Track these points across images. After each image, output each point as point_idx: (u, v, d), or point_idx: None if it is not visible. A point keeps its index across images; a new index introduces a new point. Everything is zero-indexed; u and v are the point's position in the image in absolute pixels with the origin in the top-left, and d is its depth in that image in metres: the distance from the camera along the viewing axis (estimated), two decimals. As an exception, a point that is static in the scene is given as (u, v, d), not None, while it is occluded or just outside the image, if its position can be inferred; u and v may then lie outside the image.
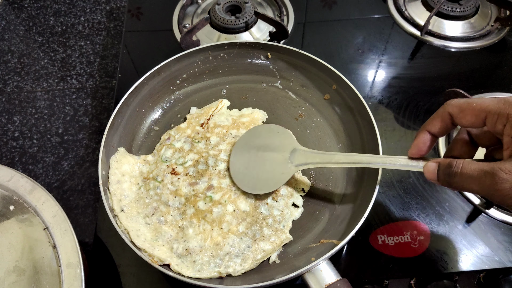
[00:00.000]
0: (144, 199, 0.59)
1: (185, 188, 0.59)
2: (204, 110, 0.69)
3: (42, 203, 0.51)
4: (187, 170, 0.61)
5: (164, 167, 0.62)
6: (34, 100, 0.84)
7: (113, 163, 0.60)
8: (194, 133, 0.65)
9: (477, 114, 0.42)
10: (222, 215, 0.57)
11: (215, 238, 0.55)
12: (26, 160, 0.76)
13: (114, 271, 0.59)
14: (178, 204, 0.58)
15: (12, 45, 0.94)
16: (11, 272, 0.47)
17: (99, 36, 0.96)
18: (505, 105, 0.40)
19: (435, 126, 0.46)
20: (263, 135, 0.62)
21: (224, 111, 0.69)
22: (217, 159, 0.62)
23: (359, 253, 0.60)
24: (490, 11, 0.90)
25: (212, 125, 0.66)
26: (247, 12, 0.85)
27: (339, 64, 0.80)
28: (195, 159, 0.62)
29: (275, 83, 0.74)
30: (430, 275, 0.58)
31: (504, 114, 0.40)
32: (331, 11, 0.93)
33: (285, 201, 0.59)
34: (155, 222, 0.57)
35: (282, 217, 0.58)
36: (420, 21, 0.87)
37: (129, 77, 0.80)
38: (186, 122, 0.68)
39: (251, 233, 0.56)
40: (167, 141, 0.65)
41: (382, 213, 0.63)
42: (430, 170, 0.45)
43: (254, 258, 0.54)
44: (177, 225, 0.57)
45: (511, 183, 0.38)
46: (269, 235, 0.56)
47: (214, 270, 0.53)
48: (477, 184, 0.40)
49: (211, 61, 0.73)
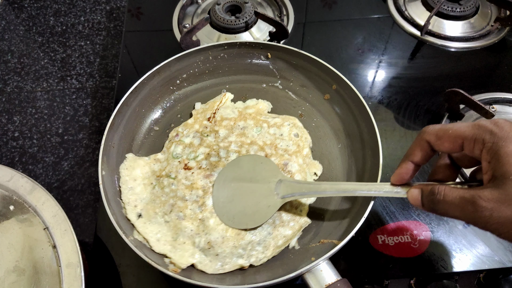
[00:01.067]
0: (160, 198, 0.59)
1: (201, 181, 0.60)
2: (209, 105, 0.70)
3: (42, 203, 0.51)
4: (200, 164, 0.61)
5: (176, 163, 0.62)
6: (34, 100, 0.84)
7: (123, 171, 0.61)
8: (202, 127, 0.66)
9: (454, 141, 0.43)
10: None
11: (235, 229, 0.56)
12: (26, 160, 0.76)
13: (114, 271, 0.59)
14: (195, 197, 0.58)
15: (12, 45, 0.94)
16: (11, 272, 0.47)
17: (99, 36, 0.96)
18: (479, 130, 0.41)
19: (416, 155, 0.47)
20: (247, 166, 0.60)
21: (229, 104, 0.70)
22: (228, 150, 0.62)
23: (359, 253, 0.60)
24: (490, 11, 0.90)
25: (219, 119, 0.67)
26: (247, 12, 0.85)
27: (339, 64, 0.80)
28: (206, 152, 0.63)
29: (275, 83, 0.74)
30: (430, 275, 0.58)
31: (479, 140, 0.41)
32: (331, 11, 0.93)
33: None
34: (174, 218, 0.57)
35: (299, 202, 0.59)
36: (420, 21, 0.87)
37: (129, 77, 0.80)
38: (193, 117, 0.68)
39: (271, 219, 0.57)
40: (176, 138, 0.65)
41: (382, 213, 0.63)
42: (414, 196, 0.46)
43: (275, 245, 0.55)
44: (197, 218, 0.57)
45: (490, 211, 0.38)
46: (288, 220, 0.57)
47: (236, 262, 0.54)
48: (459, 212, 0.41)
49: (211, 61, 0.73)
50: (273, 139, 0.64)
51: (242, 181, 0.59)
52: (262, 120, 0.66)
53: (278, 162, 0.60)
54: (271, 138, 0.64)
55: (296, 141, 0.64)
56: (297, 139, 0.64)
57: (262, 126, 0.65)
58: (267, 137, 0.64)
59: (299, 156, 0.62)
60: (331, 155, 0.66)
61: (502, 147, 0.39)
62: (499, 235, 0.40)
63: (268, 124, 0.65)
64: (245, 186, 0.59)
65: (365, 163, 0.61)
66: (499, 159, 0.39)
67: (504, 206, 0.38)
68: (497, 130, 0.40)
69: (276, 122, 0.66)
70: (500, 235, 0.40)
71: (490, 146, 0.40)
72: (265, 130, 0.65)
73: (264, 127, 0.65)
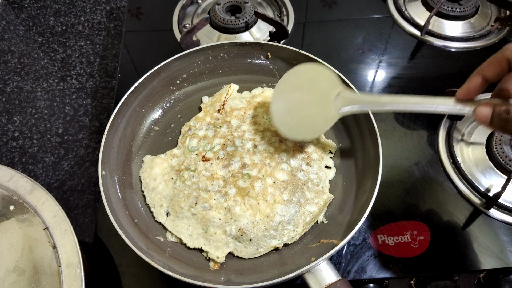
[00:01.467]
0: (183, 191, 0.60)
1: (220, 171, 0.60)
2: (216, 98, 0.71)
3: (42, 203, 0.51)
4: (217, 154, 0.62)
5: (194, 156, 0.63)
6: (34, 100, 0.84)
7: (142, 175, 0.63)
8: (213, 119, 0.66)
9: None
10: (264, 189, 0.58)
11: (264, 211, 0.56)
12: (26, 160, 0.76)
13: (114, 271, 0.59)
14: (217, 188, 0.59)
15: (12, 45, 0.94)
16: (11, 272, 0.47)
17: (99, 36, 0.96)
18: None
19: (491, 70, 0.45)
20: (306, 76, 0.60)
21: (236, 95, 0.71)
22: (243, 139, 0.63)
23: (359, 253, 0.60)
24: (490, 11, 0.90)
25: (229, 110, 0.67)
26: (247, 12, 0.85)
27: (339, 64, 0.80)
28: (222, 143, 0.63)
29: (275, 83, 0.73)
30: (430, 275, 0.58)
31: None
32: (331, 11, 0.93)
33: (318, 165, 0.61)
34: (201, 210, 0.58)
35: (319, 179, 0.60)
36: (420, 21, 0.87)
37: (129, 77, 0.80)
38: (203, 111, 0.69)
39: (296, 199, 0.58)
40: (189, 131, 0.66)
41: (382, 213, 0.63)
42: (482, 113, 0.44)
43: (304, 222, 0.57)
44: (222, 207, 0.57)
45: None
46: (312, 197, 0.59)
47: (270, 244, 0.56)
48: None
49: (211, 61, 0.73)
50: None
51: (301, 91, 0.59)
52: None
53: (293, 144, 0.61)
54: None
55: None
56: None
57: None
58: None
59: None
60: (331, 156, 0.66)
61: None
62: None
63: None
64: (304, 97, 0.59)
65: (365, 163, 0.61)
66: None
67: None
68: None
69: None
70: None
71: None
72: None
73: None
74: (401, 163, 0.69)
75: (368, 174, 0.59)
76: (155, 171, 0.62)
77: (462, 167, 0.66)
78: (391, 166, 0.68)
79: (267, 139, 0.62)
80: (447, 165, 0.67)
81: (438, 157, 0.69)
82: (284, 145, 0.62)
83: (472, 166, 0.67)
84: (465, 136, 0.70)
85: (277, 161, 0.60)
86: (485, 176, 0.66)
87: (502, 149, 0.66)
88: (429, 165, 0.68)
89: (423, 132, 0.72)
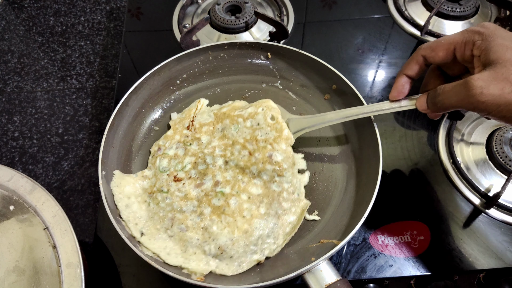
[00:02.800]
0: (158, 214, 0.58)
1: (193, 190, 0.59)
2: (185, 114, 0.69)
3: (42, 203, 0.51)
4: (189, 174, 0.61)
5: (165, 177, 0.61)
6: (34, 100, 0.84)
7: (114, 189, 0.59)
8: (183, 137, 0.65)
9: (447, 48, 0.48)
10: (240, 205, 0.57)
11: (242, 227, 0.55)
12: (26, 160, 0.76)
13: (114, 271, 0.59)
14: (192, 208, 0.58)
15: (12, 45, 0.94)
16: (11, 272, 0.47)
17: (99, 36, 0.96)
18: (468, 33, 0.46)
19: (411, 69, 0.53)
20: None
21: (205, 109, 0.69)
22: (213, 156, 0.61)
23: (359, 253, 0.60)
24: (490, 11, 0.90)
25: (198, 126, 0.66)
26: (247, 12, 0.85)
27: (339, 64, 0.80)
28: (193, 161, 0.62)
29: (275, 83, 0.74)
30: (430, 275, 0.58)
31: (469, 41, 0.46)
32: (331, 11, 0.93)
33: (291, 172, 0.60)
34: (178, 231, 0.56)
35: (294, 187, 0.59)
36: (420, 21, 0.87)
37: (129, 77, 0.80)
38: (172, 128, 0.67)
39: (273, 211, 0.57)
40: (159, 151, 0.64)
41: (382, 213, 0.63)
42: (421, 102, 0.52)
43: (284, 233, 0.57)
44: (199, 227, 0.56)
45: (480, 88, 0.42)
46: (289, 207, 0.58)
47: (252, 259, 0.54)
48: (455, 97, 0.45)
49: (211, 61, 0.73)
50: (252, 132, 0.62)
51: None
52: (237, 115, 0.64)
53: (262, 156, 0.59)
54: (250, 131, 0.62)
55: (273, 125, 0.62)
56: (273, 123, 0.62)
57: (238, 121, 0.63)
58: (246, 132, 0.62)
59: (280, 141, 0.61)
60: (331, 155, 0.66)
61: (490, 41, 0.44)
62: (489, 113, 0.43)
63: (243, 118, 0.63)
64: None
65: (365, 163, 0.61)
66: (488, 51, 0.44)
67: (493, 84, 0.42)
68: (484, 30, 0.45)
69: (250, 113, 0.63)
70: (489, 113, 0.43)
71: (479, 43, 0.45)
72: (242, 125, 0.63)
73: (240, 122, 0.63)
74: (401, 163, 0.69)
75: (368, 174, 0.59)
76: (127, 190, 0.59)
77: (462, 167, 0.66)
78: (391, 166, 0.68)
79: (236, 153, 0.61)
80: (447, 165, 0.67)
81: (438, 157, 0.69)
82: (253, 158, 0.60)
83: (472, 166, 0.67)
84: (465, 136, 0.70)
85: (249, 175, 0.59)
86: (485, 176, 0.66)
87: (502, 149, 0.66)
88: (429, 165, 0.68)
89: (423, 132, 0.72)
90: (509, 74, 0.42)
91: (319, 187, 0.63)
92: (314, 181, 0.63)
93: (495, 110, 0.43)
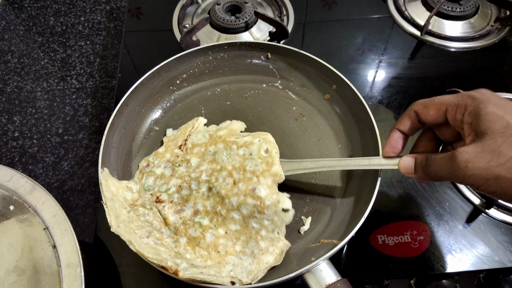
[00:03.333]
0: (137, 222, 0.56)
1: (172, 216, 0.57)
2: (181, 131, 0.67)
3: (42, 203, 0.51)
4: (171, 197, 0.59)
5: (148, 196, 0.60)
6: (34, 100, 0.84)
7: (103, 180, 0.57)
8: (173, 156, 0.63)
9: (439, 108, 0.47)
10: (215, 239, 0.55)
11: (215, 259, 0.54)
12: (26, 160, 0.76)
13: (114, 271, 0.59)
14: (170, 233, 0.56)
15: (12, 45, 0.94)
16: (11, 272, 0.47)
17: (99, 36, 0.96)
18: (462, 97, 0.45)
19: (403, 124, 0.51)
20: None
21: (201, 129, 0.67)
22: (199, 181, 0.59)
23: (359, 253, 0.60)
24: (490, 11, 0.90)
25: (190, 146, 0.63)
26: (247, 12, 0.85)
27: (339, 64, 0.80)
28: (178, 184, 0.60)
29: (275, 83, 0.74)
30: (430, 275, 0.58)
31: (462, 105, 0.44)
32: (331, 11, 0.93)
33: (274, 210, 0.55)
34: (152, 243, 0.54)
35: (274, 226, 0.55)
36: (420, 21, 0.87)
37: (129, 77, 0.80)
38: (164, 146, 0.65)
39: (249, 250, 0.54)
40: (147, 168, 0.62)
41: (382, 213, 0.63)
42: (406, 164, 0.49)
43: (259, 270, 0.53)
44: (173, 250, 0.54)
45: (465, 162, 0.41)
46: (267, 247, 0.54)
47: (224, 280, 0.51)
48: (444, 170, 0.44)
49: (211, 61, 0.73)
50: (242, 161, 0.58)
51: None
52: (232, 141, 0.61)
53: (246, 188, 0.56)
54: (240, 159, 0.59)
55: (265, 158, 0.58)
56: (266, 156, 0.58)
57: (232, 148, 0.60)
58: (236, 160, 0.59)
59: (268, 176, 0.56)
60: (331, 155, 0.66)
61: (482, 108, 0.42)
62: (477, 188, 0.42)
63: (238, 145, 0.60)
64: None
65: (365, 163, 0.61)
66: (479, 119, 0.42)
67: (479, 157, 0.40)
68: (478, 95, 0.44)
69: (245, 141, 0.60)
70: (478, 188, 0.41)
71: (471, 109, 0.43)
72: (234, 152, 0.60)
73: (234, 149, 0.60)
74: (401, 163, 0.69)
75: (368, 174, 0.59)
76: (112, 189, 0.57)
77: (462, 167, 0.66)
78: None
79: (221, 180, 0.58)
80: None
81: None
82: (236, 188, 0.56)
83: (472, 166, 0.67)
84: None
85: (228, 207, 0.56)
86: (485, 176, 0.66)
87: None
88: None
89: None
90: (497, 146, 0.40)
91: (319, 187, 0.62)
92: (314, 181, 0.63)
93: (484, 184, 0.41)
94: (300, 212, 0.60)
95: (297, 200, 0.61)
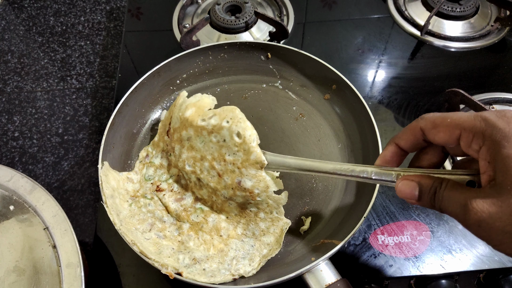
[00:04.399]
0: (138, 215, 0.57)
1: (172, 204, 0.58)
2: (169, 111, 0.64)
3: (42, 203, 0.51)
4: (171, 186, 0.60)
5: (149, 185, 0.60)
6: (34, 100, 0.84)
7: (103, 177, 0.56)
8: (165, 145, 0.62)
9: (451, 131, 0.37)
10: (217, 223, 0.56)
11: (218, 246, 0.55)
12: (26, 160, 0.76)
13: (114, 271, 0.59)
14: (172, 220, 0.57)
15: (12, 45, 0.94)
16: (11, 272, 0.47)
17: (99, 36, 0.96)
18: (481, 123, 0.35)
19: (405, 140, 0.42)
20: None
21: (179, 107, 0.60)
22: (186, 171, 0.57)
23: (359, 253, 0.60)
24: (490, 11, 0.90)
25: (172, 131, 0.60)
26: (247, 12, 0.85)
27: (339, 64, 0.80)
28: (176, 174, 0.60)
29: (275, 83, 0.74)
30: (430, 275, 0.58)
31: (479, 134, 0.35)
32: (331, 11, 0.93)
33: (265, 195, 0.53)
34: (154, 237, 0.55)
35: (271, 207, 0.56)
36: (420, 21, 0.87)
37: (129, 77, 0.80)
38: (157, 133, 0.64)
39: (250, 232, 0.56)
40: (146, 159, 0.63)
41: (382, 213, 0.63)
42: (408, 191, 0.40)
43: (260, 255, 0.55)
44: (176, 240, 0.55)
45: (479, 221, 0.34)
46: (267, 227, 0.56)
47: (225, 275, 0.52)
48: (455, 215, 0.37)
49: (211, 61, 0.73)
50: (219, 149, 0.53)
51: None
52: (200, 126, 0.54)
53: (232, 182, 0.53)
54: (216, 147, 0.53)
55: (240, 145, 0.52)
56: (240, 142, 0.51)
57: (203, 134, 0.54)
58: (212, 148, 0.54)
59: (248, 166, 0.52)
60: (331, 155, 0.66)
61: (505, 147, 0.32)
62: (490, 245, 0.36)
63: (207, 131, 0.54)
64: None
65: (365, 163, 0.61)
66: (503, 162, 0.32)
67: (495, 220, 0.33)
68: (503, 125, 0.33)
69: (214, 126, 0.53)
70: (492, 246, 0.36)
71: (490, 144, 0.34)
72: (208, 139, 0.54)
73: (205, 135, 0.54)
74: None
75: (368, 174, 0.59)
76: (112, 184, 0.58)
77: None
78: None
79: (206, 173, 0.55)
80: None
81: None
82: (223, 181, 0.54)
83: (472, 166, 0.67)
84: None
85: (221, 198, 0.56)
86: (485, 176, 0.66)
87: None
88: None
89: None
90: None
91: (319, 187, 0.62)
92: (314, 181, 0.63)
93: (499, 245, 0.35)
94: (300, 212, 0.60)
95: (297, 200, 0.61)
